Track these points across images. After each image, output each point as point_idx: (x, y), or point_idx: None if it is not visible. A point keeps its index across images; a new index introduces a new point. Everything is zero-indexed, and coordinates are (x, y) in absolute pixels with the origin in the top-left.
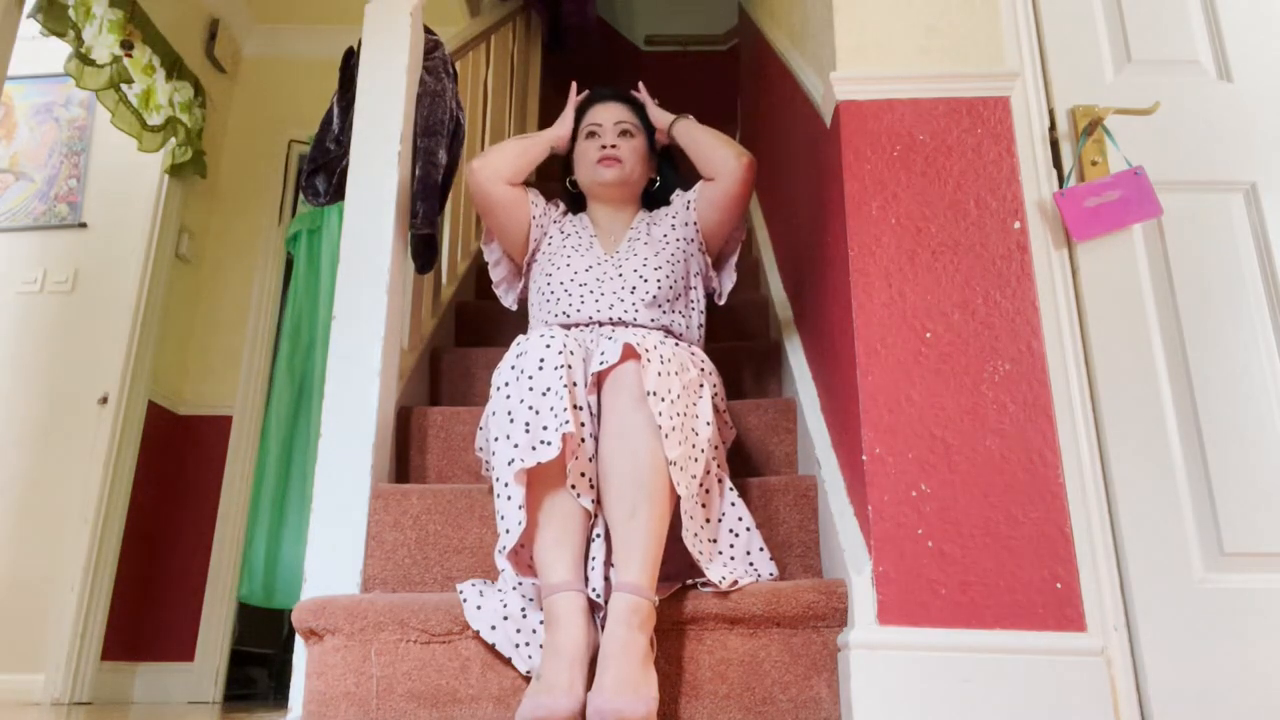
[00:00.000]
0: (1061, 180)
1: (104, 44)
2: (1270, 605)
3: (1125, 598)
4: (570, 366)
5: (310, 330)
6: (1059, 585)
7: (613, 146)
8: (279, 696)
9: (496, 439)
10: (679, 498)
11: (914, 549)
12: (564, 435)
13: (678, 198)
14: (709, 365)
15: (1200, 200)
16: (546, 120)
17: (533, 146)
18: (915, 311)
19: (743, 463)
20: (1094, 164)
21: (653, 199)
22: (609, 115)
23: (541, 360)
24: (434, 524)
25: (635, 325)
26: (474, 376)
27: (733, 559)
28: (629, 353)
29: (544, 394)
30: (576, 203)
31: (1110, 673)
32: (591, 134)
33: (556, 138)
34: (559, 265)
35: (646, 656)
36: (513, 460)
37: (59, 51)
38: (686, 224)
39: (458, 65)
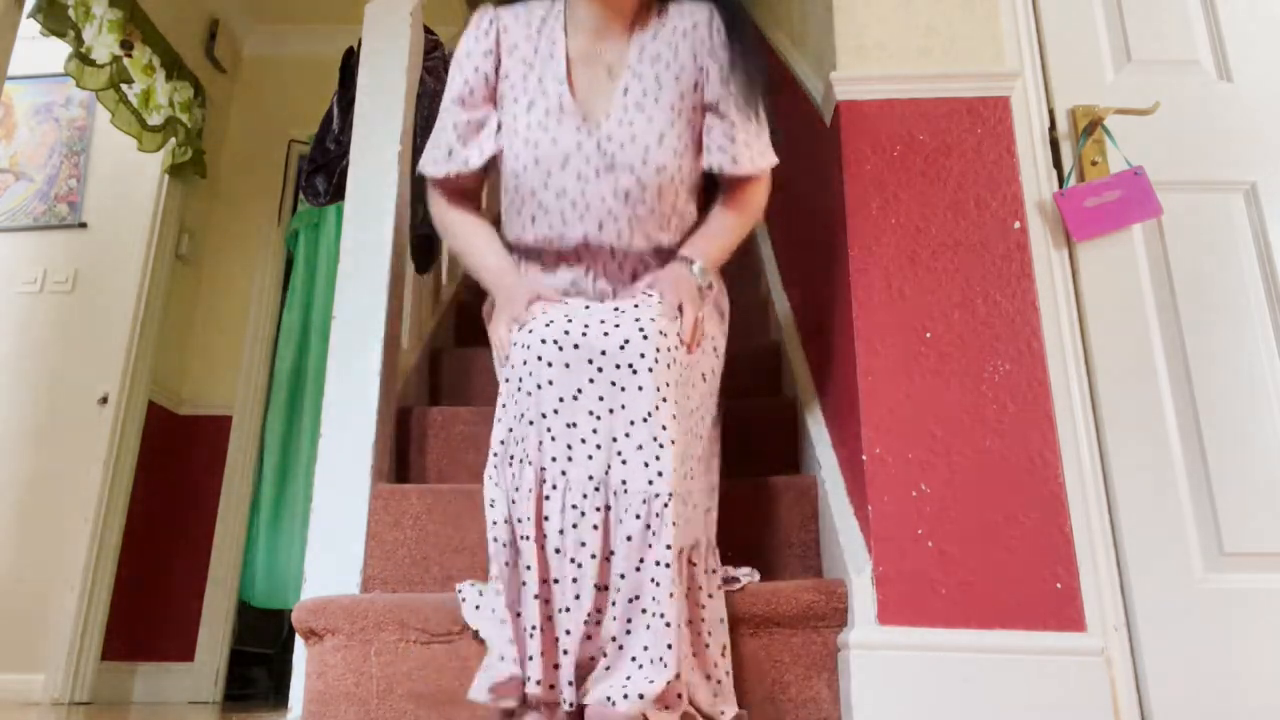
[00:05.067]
0: (1061, 180)
1: (104, 44)
2: (1270, 605)
3: (1125, 598)
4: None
5: (309, 329)
6: (1059, 585)
7: None
8: (279, 696)
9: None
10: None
11: (914, 549)
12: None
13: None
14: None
15: (1200, 200)
16: None
17: (479, 268)
18: (915, 311)
19: (743, 463)
20: (1094, 164)
21: None
22: None
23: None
24: (434, 524)
25: (629, 271)
26: (474, 376)
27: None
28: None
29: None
30: None
31: (1110, 673)
32: None
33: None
34: (526, 159)
35: None
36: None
37: (59, 51)
38: (690, 78)
39: None
